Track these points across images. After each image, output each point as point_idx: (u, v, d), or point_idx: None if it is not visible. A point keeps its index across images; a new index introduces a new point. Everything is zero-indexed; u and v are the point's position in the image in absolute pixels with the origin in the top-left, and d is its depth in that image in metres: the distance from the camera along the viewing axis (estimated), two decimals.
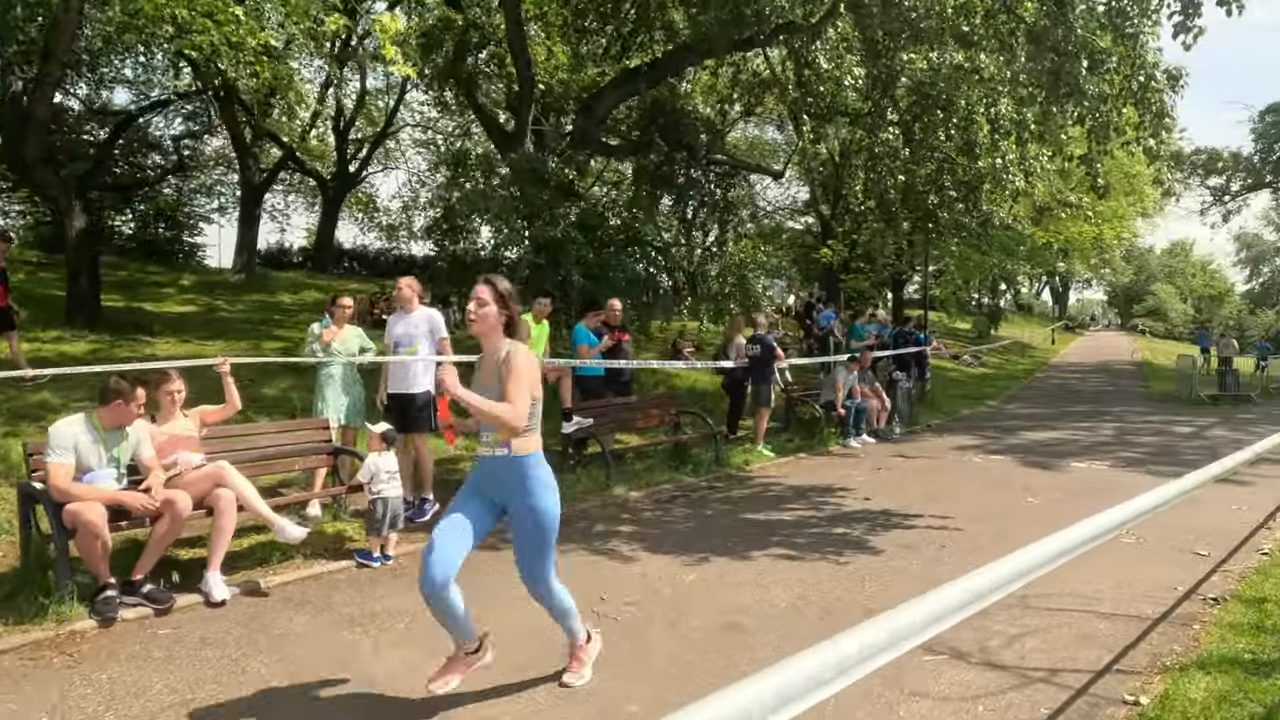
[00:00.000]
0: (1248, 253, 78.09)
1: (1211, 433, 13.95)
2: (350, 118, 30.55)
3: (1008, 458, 10.80)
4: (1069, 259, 48.55)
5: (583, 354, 8.84)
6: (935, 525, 6.88)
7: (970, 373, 26.81)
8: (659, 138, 13.07)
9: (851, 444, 11.77)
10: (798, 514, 7.35)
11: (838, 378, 12.09)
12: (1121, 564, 5.74)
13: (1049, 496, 8.16)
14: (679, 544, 6.24)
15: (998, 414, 16.83)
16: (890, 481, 8.99)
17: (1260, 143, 28.49)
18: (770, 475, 9.38)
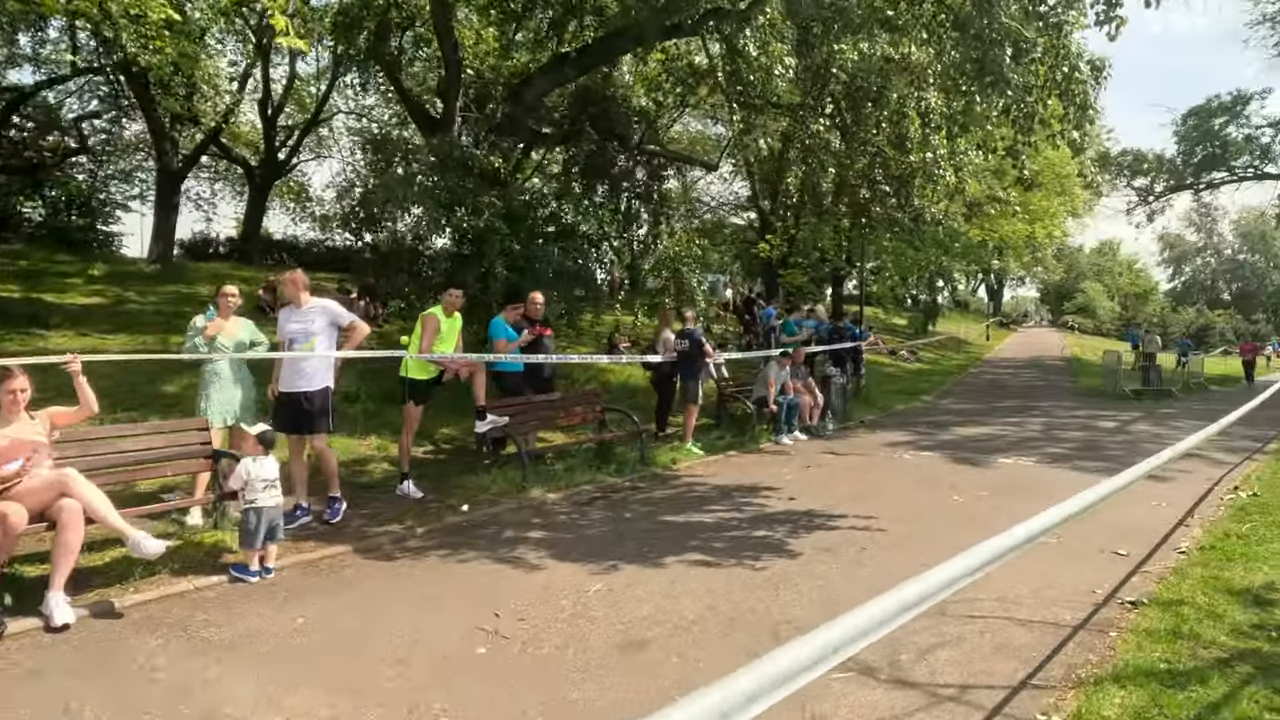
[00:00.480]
0: (1171, 252, 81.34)
1: (1135, 427, 14.18)
2: (279, 103, 29.43)
3: (938, 454, 10.73)
4: (1003, 257, 49.75)
5: (500, 349, 8.42)
6: (858, 526, 6.67)
7: (907, 368, 27.08)
8: (589, 127, 12.67)
9: (783, 441, 11.59)
10: (720, 515, 7.08)
11: (769, 374, 11.89)
12: (1041, 565, 5.59)
13: (975, 494, 8.05)
14: (591, 550, 5.90)
15: (931, 409, 16.91)
16: (818, 480, 8.79)
17: (1182, 145, 29.40)
18: (697, 474, 9.11)
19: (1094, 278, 70.19)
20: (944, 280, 40.45)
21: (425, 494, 7.46)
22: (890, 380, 22.48)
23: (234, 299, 6.48)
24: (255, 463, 4.94)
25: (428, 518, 6.70)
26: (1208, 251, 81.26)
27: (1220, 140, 29.29)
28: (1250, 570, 5.50)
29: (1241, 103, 29.09)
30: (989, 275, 63.09)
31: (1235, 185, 30.85)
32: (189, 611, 4.54)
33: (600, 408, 9.54)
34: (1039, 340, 46.55)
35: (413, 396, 7.32)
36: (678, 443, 10.37)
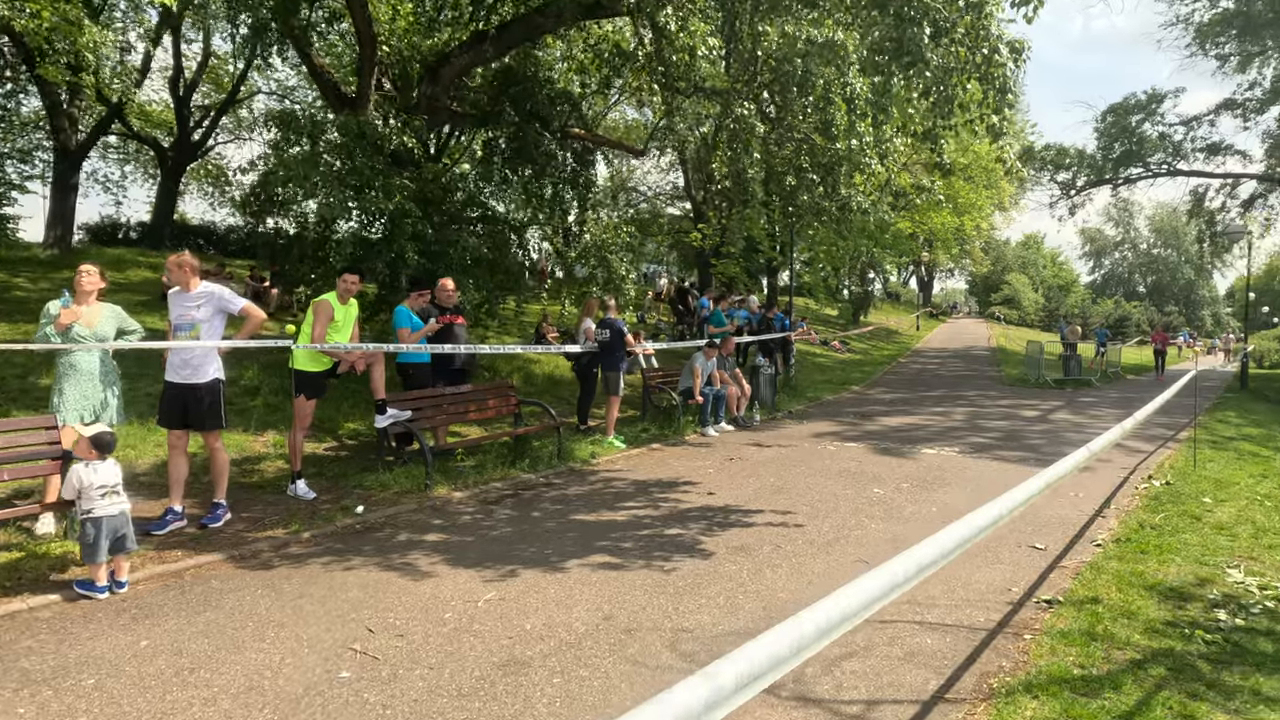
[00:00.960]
0: (1091, 246, 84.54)
1: (1055, 416, 14.39)
2: (191, 80, 27.98)
3: (862, 445, 10.61)
4: (933, 249, 50.77)
5: (404, 338, 7.92)
6: (775, 522, 6.41)
7: (838, 358, 27.27)
8: (510, 108, 12.13)
9: (709, 432, 11.34)
10: (634, 513, 6.74)
11: (696, 364, 11.62)
12: (956, 562, 5.41)
13: (896, 486, 7.89)
14: (490, 554, 5.49)
15: (859, 400, 16.92)
16: (739, 473, 8.53)
17: (1101, 141, 30.21)
18: (616, 469, 8.76)
19: (1019, 270, 72.26)
20: (875, 272, 40.95)
21: (320, 495, 6.95)
22: (821, 370, 22.55)
23: (92, 281, 5.83)
24: (89, 468, 4.38)
25: (317, 521, 6.19)
26: (1125, 246, 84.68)
27: (1137, 137, 30.18)
28: (1163, 563, 5.41)
29: (1156, 101, 30.02)
30: (919, 267, 64.42)
31: (1151, 181, 31.89)
32: (14, 636, 3.98)
33: (515, 400, 9.10)
34: (967, 331, 47.66)
35: (303, 390, 6.78)
36: (599, 436, 10.02)
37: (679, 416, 11.39)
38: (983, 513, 3.13)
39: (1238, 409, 16.52)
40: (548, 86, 12.83)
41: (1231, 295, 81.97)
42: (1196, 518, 6.72)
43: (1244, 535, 6.26)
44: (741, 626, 4.18)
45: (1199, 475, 8.72)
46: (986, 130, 7.41)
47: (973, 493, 7.65)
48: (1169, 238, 78.92)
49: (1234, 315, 77.32)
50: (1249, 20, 25.66)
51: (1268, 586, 4.97)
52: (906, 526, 6.30)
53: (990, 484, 8.08)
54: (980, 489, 7.82)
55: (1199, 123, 29.69)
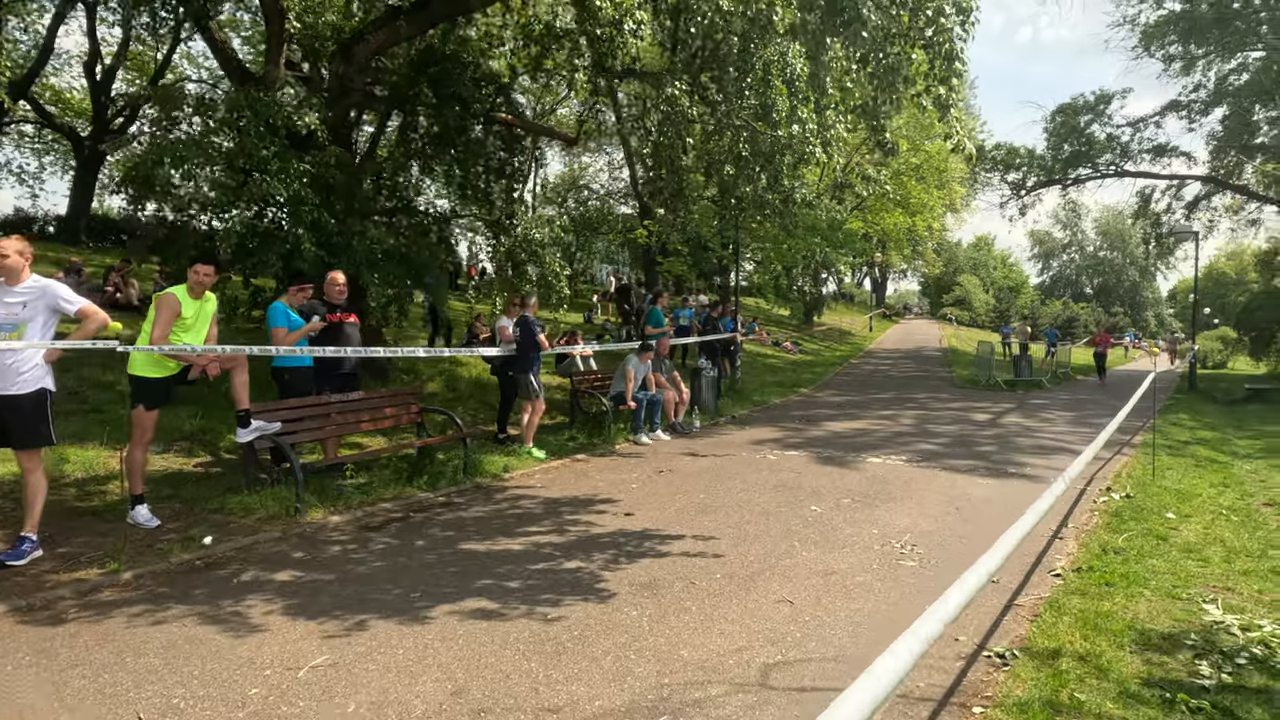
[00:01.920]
0: (1040, 248, 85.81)
1: (1006, 420, 13.85)
2: (110, 66, 26.35)
3: (804, 453, 9.86)
4: (886, 250, 50.77)
5: (278, 340, 6.92)
6: (693, 550, 5.57)
7: (789, 359, 26.70)
8: (427, 90, 11.14)
9: (642, 440, 10.50)
10: (534, 540, 5.85)
11: (628, 367, 10.78)
12: (899, 598, 4.63)
13: (835, 502, 7.12)
14: (345, 598, 4.56)
15: (807, 403, 16.24)
16: (666, 488, 7.69)
17: (1051, 140, 30.14)
18: (529, 484, 7.86)
19: (971, 271, 72.95)
20: (829, 272, 40.63)
21: (167, 522, 5.93)
22: (770, 372, 21.90)
23: None
24: None
25: (148, 557, 5.18)
26: (1072, 248, 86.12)
27: (1085, 138, 30.17)
28: (1131, 598, 4.69)
29: (1104, 101, 30.04)
30: (873, 268, 64.58)
31: (1099, 182, 31.92)
32: None
33: (417, 408, 8.14)
34: (919, 332, 47.65)
35: (141, 399, 5.75)
36: (518, 446, 9.10)
37: (609, 424, 10.53)
38: (946, 603, 2.31)
39: (1189, 411, 16.21)
40: (472, 68, 11.86)
41: (1173, 296, 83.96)
42: (1162, 538, 6.06)
43: (1215, 559, 5.60)
44: (625, 703, 3.32)
45: (1159, 486, 8.12)
46: (933, 103, 6.69)
47: (918, 509, 6.91)
48: (1114, 240, 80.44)
49: (1176, 316, 79.13)
50: (1193, 22, 25.71)
51: (1250, 626, 4.27)
52: (842, 555, 5.51)
53: (937, 499, 7.36)
54: (926, 505, 7.09)
55: (1145, 124, 29.81)
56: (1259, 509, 7.53)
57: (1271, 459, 10.83)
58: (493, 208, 12.86)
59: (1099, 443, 6.16)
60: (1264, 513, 7.37)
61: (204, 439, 8.21)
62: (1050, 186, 31.65)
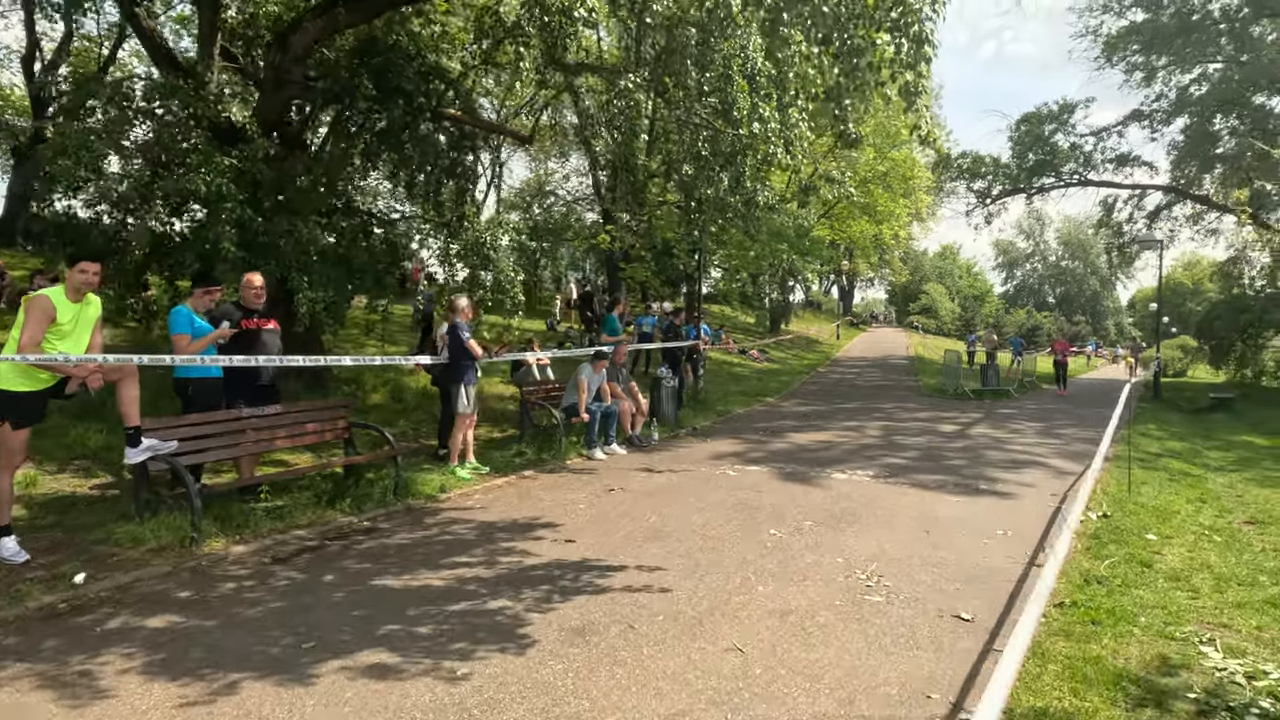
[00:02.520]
0: (1004, 258, 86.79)
1: (975, 431, 13.46)
2: (51, 61, 25.21)
3: (766, 469, 9.32)
4: (854, 259, 50.75)
5: (180, 348, 6.22)
6: (637, 584, 4.98)
7: (756, 367, 26.28)
8: (368, 82, 10.47)
9: (596, 455, 9.90)
10: (459, 573, 5.21)
11: (581, 377, 10.18)
12: (863, 644, 4.08)
13: (796, 526, 6.57)
14: (221, 652, 3.90)
15: (772, 413, 15.75)
16: (615, 509, 7.09)
17: (1016, 149, 30.17)
18: (466, 506, 7.21)
19: (937, 280, 73.47)
20: (796, 280, 40.39)
21: (40, 555, 5.21)
22: (736, 381, 21.42)
23: None
24: None
25: (2, 601, 4.47)
26: (1035, 258, 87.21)
27: (1049, 146, 30.25)
28: (1121, 638, 4.19)
29: (1068, 111, 30.16)
30: (840, 276, 64.66)
31: (1063, 191, 32.06)
32: None
33: (344, 423, 7.45)
34: (886, 340, 47.62)
35: (8, 415, 5.03)
36: (456, 464, 8.44)
37: (561, 437, 9.91)
38: None
39: (1156, 421, 16.00)
40: (418, 60, 11.22)
41: (1132, 305, 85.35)
42: (1146, 564, 5.59)
43: (1205, 588, 5.13)
44: None
45: (1136, 503, 7.69)
46: (900, 91, 6.20)
47: (885, 532, 6.39)
48: (1076, 250, 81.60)
49: (1135, 325, 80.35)
50: (1156, 31, 25.84)
51: (1256, 674, 3.78)
52: (802, 589, 4.95)
53: (905, 520, 6.85)
54: (894, 527, 6.57)
55: (1108, 133, 29.96)
56: (1241, 528, 7.14)
57: (1244, 471, 10.53)
58: (442, 209, 12.22)
59: (1097, 463, 5.67)
60: (1246, 532, 6.97)
61: (106, 458, 7.45)
62: (1015, 195, 31.67)
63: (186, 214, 8.93)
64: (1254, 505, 8.19)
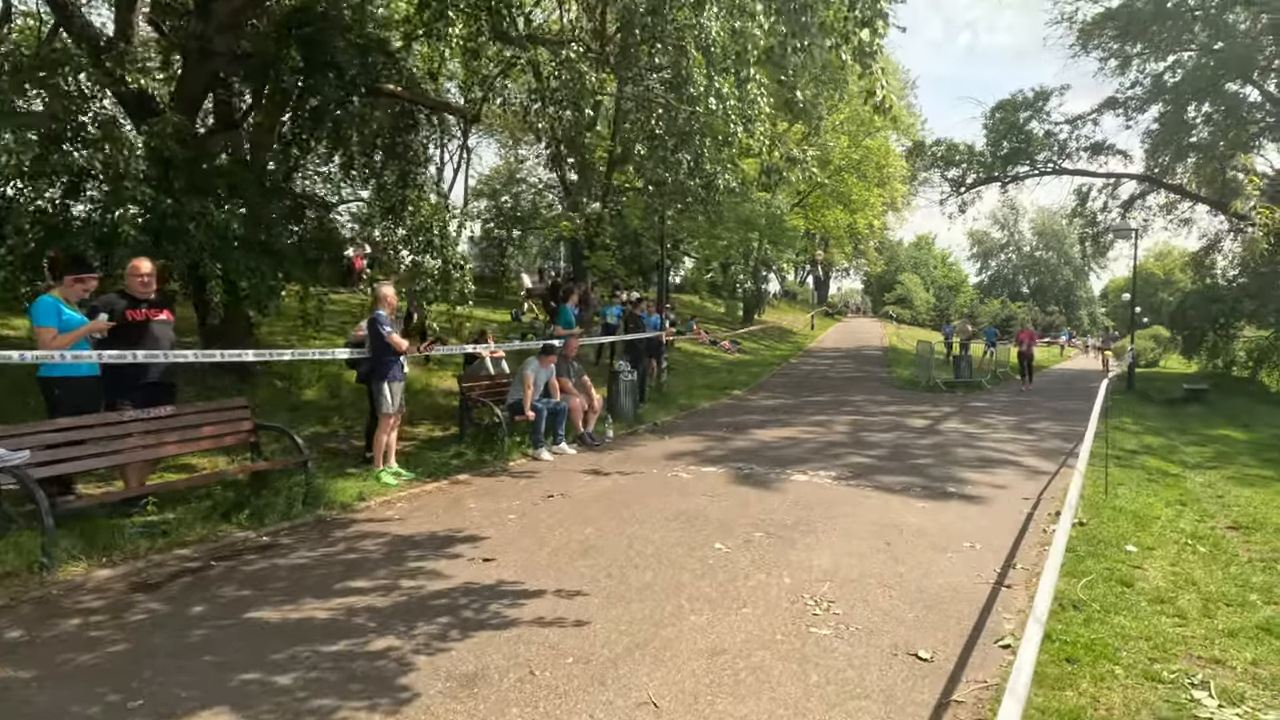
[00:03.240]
0: (979, 248, 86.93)
1: (946, 426, 12.95)
2: None
3: (723, 470, 8.72)
4: (828, 248, 50.38)
5: (43, 342, 5.47)
6: (551, 616, 4.34)
7: (727, 358, 25.71)
8: (296, 54, 9.68)
9: (542, 455, 9.24)
10: (350, 601, 4.54)
11: (526, 372, 9.50)
12: (801, 694, 3.46)
13: (746, 538, 5.96)
14: (26, 717, 3.21)
15: (738, 407, 15.17)
16: (549, 520, 6.45)
17: (990, 137, 29.78)
18: (384, 517, 6.53)
19: (912, 270, 73.38)
20: (771, 270, 39.86)
21: None
22: (705, 373, 20.84)
23: None
24: None
25: None
26: (1010, 248, 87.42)
27: (1024, 135, 29.89)
28: (1102, 682, 3.61)
29: (1043, 99, 29.79)
30: (815, 266, 64.32)
31: (1038, 180, 31.75)
32: None
33: (250, 424, 6.73)
34: (861, 330, 47.30)
35: None
36: (384, 468, 7.74)
37: (503, 437, 9.24)
38: None
39: (1131, 414, 15.60)
40: (353, 31, 10.43)
41: (1105, 295, 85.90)
42: (1127, 583, 5.03)
43: (1192, 612, 4.58)
44: None
45: (1113, 508, 7.17)
46: (853, 53, 5.57)
47: (842, 545, 5.79)
48: (1050, 240, 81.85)
49: (1108, 315, 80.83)
50: (1131, 16, 25.47)
51: None
52: (740, 620, 4.33)
53: (865, 529, 6.26)
54: (852, 538, 5.98)
55: (1083, 121, 29.67)
56: (1224, 534, 6.63)
57: (1223, 468, 10.08)
58: (385, 193, 11.45)
59: (1078, 465, 5.11)
60: (1230, 540, 6.46)
61: None
62: (990, 184, 31.31)
63: (87, 193, 8.11)
64: (1236, 508, 7.71)
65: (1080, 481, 4.54)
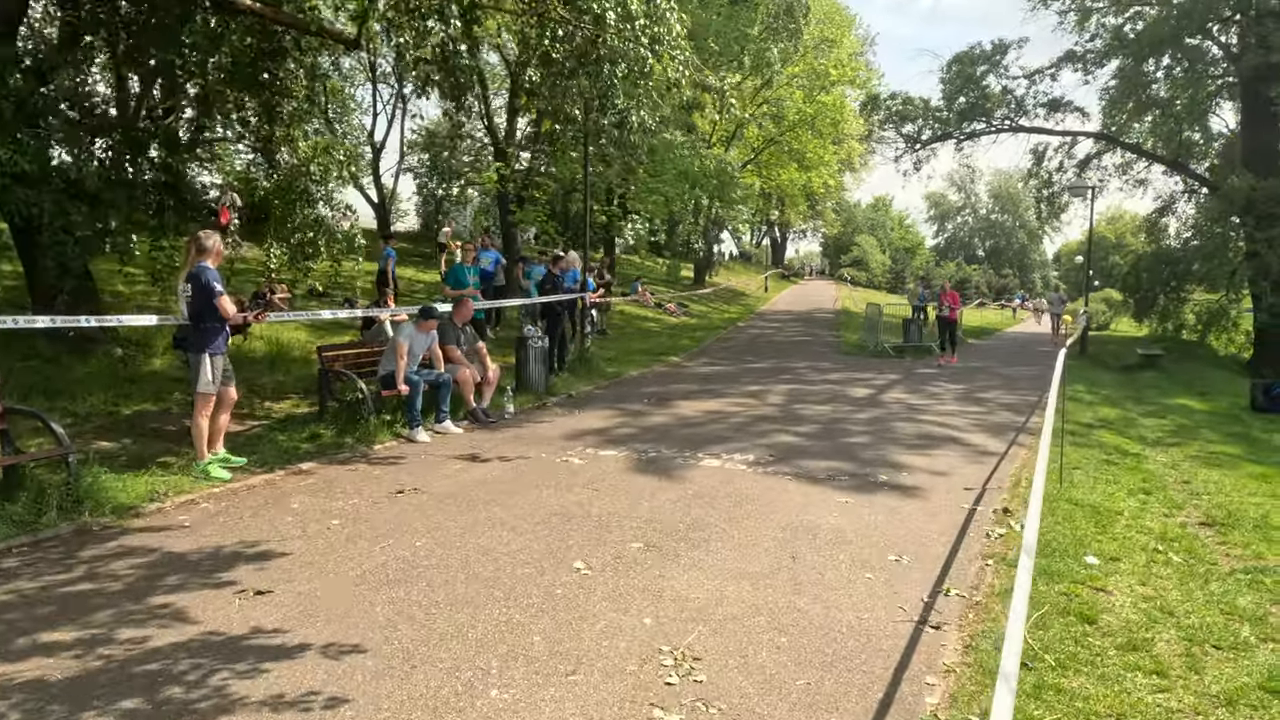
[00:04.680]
0: (936, 210, 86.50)
1: (888, 397, 11.86)
2: None
3: (626, 452, 7.48)
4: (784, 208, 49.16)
5: None
6: (292, 694, 3.04)
7: (671, 322, 24.47)
8: None
9: (419, 436, 7.91)
10: (24, 669, 3.20)
11: (399, 339, 8.12)
12: None
13: (620, 549, 4.72)
14: None
15: (671, 375, 13.94)
16: (380, 526, 5.14)
17: (947, 89, 28.58)
18: (169, 524, 5.15)
19: (869, 232, 72.64)
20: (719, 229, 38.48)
21: None
22: (644, 337, 19.57)
23: None
24: None
25: None
26: (966, 211, 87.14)
27: (980, 90, 28.75)
28: None
29: (1000, 52, 28.61)
30: (772, 228, 63.19)
31: (994, 138, 30.69)
32: None
33: None
34: (816, 293, 46.36)
35: None
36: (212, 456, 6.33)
37: (368, 415, 7.87)
38: None
39: (1084, 381, 14.71)
40: None
41: (1058, 259, 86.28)
42: (1088, 618, 3.90)
43: (1175, 665, 3.46)
44: None
45: (1069, 501, 6.09)
46: None
47: (736, 560, 4.58)
48: (1006, 204, 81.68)
49: (1061, 278, 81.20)
50: None
51: None
52: (560, 694, 3.09)
53: (772, 535, 5.07)
54: (750, 553, 4.77)
55: (1041, 76, 28.54)
56: (1197, 534, 5.58)
57: (1185, 445, 9.14)
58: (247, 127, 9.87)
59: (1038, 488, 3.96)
60: (1205, 541, 5.41)
61: None
62: (945, 141, 30.19)
63: None
64: (1205, 496, 6.70)
65: (1039, 505, 3.36)
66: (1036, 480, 3.57)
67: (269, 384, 9.60)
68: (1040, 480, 3.60)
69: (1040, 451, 4.16)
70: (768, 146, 35.60)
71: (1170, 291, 27.39)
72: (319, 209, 10.37)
